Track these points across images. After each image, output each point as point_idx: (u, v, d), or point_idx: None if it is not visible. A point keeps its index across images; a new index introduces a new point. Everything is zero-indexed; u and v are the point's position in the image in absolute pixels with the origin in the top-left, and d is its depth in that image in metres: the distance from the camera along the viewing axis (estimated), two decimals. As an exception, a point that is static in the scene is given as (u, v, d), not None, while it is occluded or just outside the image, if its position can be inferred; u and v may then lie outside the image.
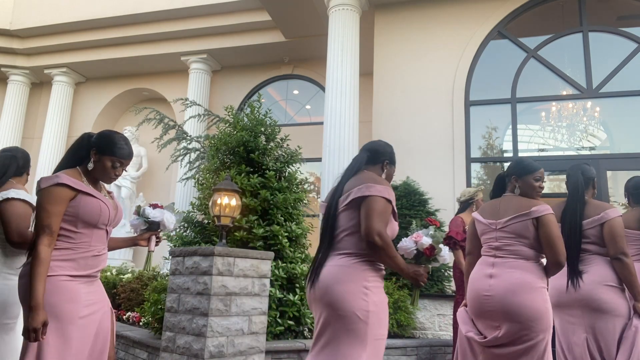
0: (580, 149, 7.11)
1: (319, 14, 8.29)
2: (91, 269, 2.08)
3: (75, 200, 2.04)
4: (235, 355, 3.66)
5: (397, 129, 7.35)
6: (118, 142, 2.15)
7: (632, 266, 2.76)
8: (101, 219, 2.10)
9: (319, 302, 2.14)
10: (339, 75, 7.19)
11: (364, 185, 2.16)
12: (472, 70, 7.39)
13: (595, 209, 2.91)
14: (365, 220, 2.09)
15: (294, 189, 5.11)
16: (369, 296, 2.07)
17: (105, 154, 2.13)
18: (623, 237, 2.81)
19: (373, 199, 2.12)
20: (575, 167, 3.09)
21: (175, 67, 10.95)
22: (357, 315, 2.03)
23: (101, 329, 2.11)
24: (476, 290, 2.62)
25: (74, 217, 2.04)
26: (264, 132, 5.22)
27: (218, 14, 9.67)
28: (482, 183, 7.30)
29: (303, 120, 10.48)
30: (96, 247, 2.11)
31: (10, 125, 11.35)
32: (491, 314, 2.54)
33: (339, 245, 2.19)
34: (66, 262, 2.01)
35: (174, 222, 2.39)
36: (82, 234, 2.06)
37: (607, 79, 6.92)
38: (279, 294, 4.41)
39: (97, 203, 2.09)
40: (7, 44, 11.07)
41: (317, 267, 2.20)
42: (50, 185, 2.00)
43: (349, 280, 2.08)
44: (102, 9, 10.21)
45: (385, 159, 2.40)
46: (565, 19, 7.46)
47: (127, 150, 2.18)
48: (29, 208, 2.48)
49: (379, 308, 2.09)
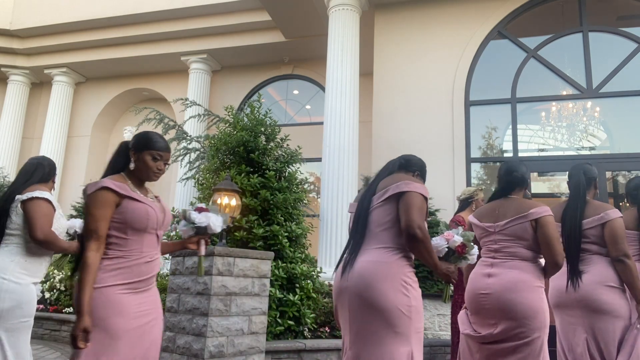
0: (580, 149, 7.11)
1: (319, 14, 8.29)
2: (144, 276, 2.06)
3: (122, 206, 2.03)
4: (235, 355, 3.65)
5: (397, 129, 7.35)
6: (153, 137, 2.16)
7: (634, 268, 2.74)
8: (150, 224, 2.07)
9: (354, 299, 2.14)
10: (339, 75, 7.18)
11: (402, 182, 2.23)
12: (472, 70, 7.39)
13: (595, 209, 2.90)
14: (406, 214, 2.14)
15: (294, 189, 5.12)
16: (409, 291, 2.12)
17: (143, 150, 2.12)
18: (624, 238, 2.80)
19: (412, 194, 2.18)
20: (577, 167, 3.09)
21: (175, 67, 10.94)
22: (400, 310, 2.07)
23: (152, 339, 2.08)
24: (474, 289, 2.68)
25: (123, 223, 2.02)
26: (264, 132, 5.23)
27: (218, 14, 9.67)
28: (482, 183, 7.30)
29: (303, 120, 10.48)
30: (148, 253, 2.09)
31: (10, 125, 11.35)
32: (488, 312, 2.58)
33: (375, 240, 2.23)
34: (119, 271, 1.99)
35: (220, 223, 2.37)
36: (132, 241, 2.04)
37: (607, 79, 6.91)
38: (279, 294, 4.41)
39: (144, 207, 2.08)
40: (7, 44, 11.07)
41: (350, 260, 2.23)
42: (95, 190, 2.00)
43: (388, 277, 2.12)
44: (102, 9, 10.20)
45: (416, 169, 2.50)
46: (565, 19, 7.46)
47: (163, 143, 2.17)
48: (52, 209, 2.61)
49: (419, 302, 2.15)
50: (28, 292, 2.50)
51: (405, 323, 2.08)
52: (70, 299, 6.50)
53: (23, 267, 2.52)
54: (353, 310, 2.14)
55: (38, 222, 2.50)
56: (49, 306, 6.48)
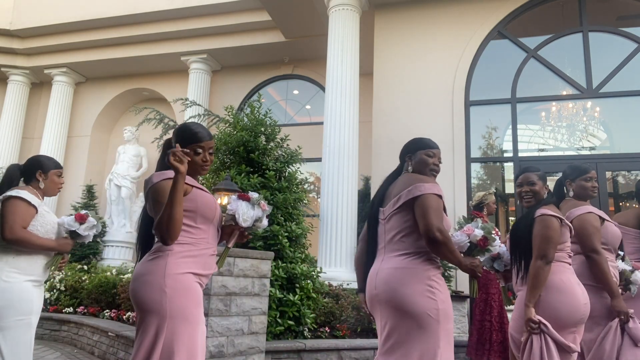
0: (580, 149, 7.11)
1: (319, 14, 8.29)
2: (209, 270, 2.00)
3: (192, 193, 1.98)
4: (235, 355, 3.65)
5: (397, 129, 7.35)
6: (194, 128, 2.06)
7: (603, 263, 2.64)
8: (216, 215, 2.06)
9: (384, 306, 2.18)
10: (339, 75, 7.19)
11: (413, 186, 2.21)
12: (472, 70, 7.39)
13: (567, 209, 2.83)
14: (423, 218, 2.13)
15: (294, 189, 5.12)
16: (436, 294, 2.12)
17: (189, 144, 2.03)
18: (593, 235, 2.69)
19: (425, 197, 2.16)
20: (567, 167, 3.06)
21: (175, 67, 10.95)
22: (428, 314, 2.08)
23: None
24: None
25: (193, 211, 1.97)
26: (264, 132, 5.23)
27: (218, 14, 9.67)
28: (482, 183, 7.30)
29: (303, 120, 10.48)
30: (212, 245, 2.05)
31: (10, 125, 11.35)
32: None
33: (396, 247, 2.23)
34: (190, 259, 1.93)
35: (251, 217, 2.09)
36: (201, 230, 1.99)
37: (607, 79, 6.91)
38: (279, 294, 4.40)
39: (212, 198, 2.05)
40: (7, 44, 11.07)
41: (378, 269, 2.24)
42: (162, 180, 1.93)
43: (414, 282, 2.13)
44: (102, 9, 10.21)
45: (406, 154, 2.46)
46: (565, 19, 7.46)
47: (206, 132, 2.08)
48: (29, 207, 2.53)
49: (447, 305, 2.15)
50: (20, 290, 2.47)
51: (434, 326, 2.09)
52: (70, 299, 6.51)
53: (13, 265, 2.48)
54: (384, 317, 2.19)
55: (7, 222, 2.44)
56: (49, 306, 6.48)
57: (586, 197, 2.91)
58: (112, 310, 5.76)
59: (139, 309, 1.87)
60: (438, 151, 2.47)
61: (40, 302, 2.61)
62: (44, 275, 2.62)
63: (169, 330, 1.81)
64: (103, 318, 5.73)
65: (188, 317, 1.85)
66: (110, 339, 4.88)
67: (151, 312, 1.83)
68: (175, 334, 1.81)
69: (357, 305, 5.15)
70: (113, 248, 9.86)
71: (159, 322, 1.82)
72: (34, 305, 2.53)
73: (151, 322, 1.82)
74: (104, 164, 11.91)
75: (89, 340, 5.36)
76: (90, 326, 5.38)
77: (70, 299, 6.51)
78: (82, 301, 6.40)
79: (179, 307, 1.83)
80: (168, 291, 1.83)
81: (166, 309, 1.82)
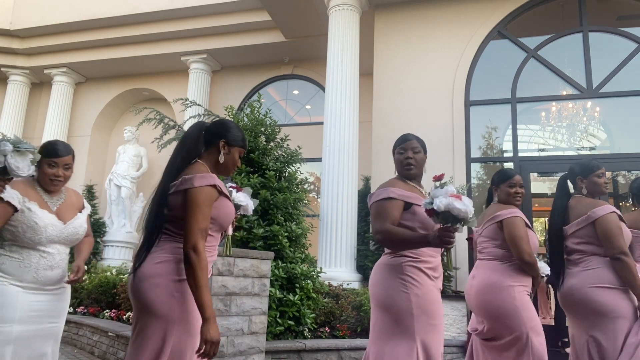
0: (580, 149, 7.10)
1: (319, 14, 8.29)
2: (209, 273, 1.93)
3: (219, 201, 1.88)
4: (235, 355, 3.65)
5: (397, 129, 7.33)
6: (242, 133, 2.02)
7: (632, 265, 2.61)
8: (231, 223, 2.03)
9: (371, 301, 2.39)
10: (339, 75, 7.19)
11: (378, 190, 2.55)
12: (472, 70, 7.38)
13: (585, 208, 2.80)
14: (378, 220, 2.36)
15: (294, 189, 5.12)
16: (409, 288, 2.22)
17: (235, 146, 1.97)
18: (619, 235, 2.65)
19: (376, 203, 2.48)
20: (571, 165, 3.05)
21: (175, 67, 10.94)
22: (402, 309, 2.20)
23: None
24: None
25: (214, 220, 1.87)
26: (264, 132, 5.23)
27: (218, 14, 9.66)
28: (483, 183, 7.30)
29: (303, 120, 10.48)
30: (216, 251, 1.99)
31: (10, 125, 11.34)
32: (475, 312, 2.92)
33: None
34: None
35: (252, 206, 2.35)
36: (213, 238, 1.92)
37: (607, 79, 6.91)
38: (279, 294, 4.40)
39: (232, 206, 1.96)
40: (7, 44, 11.06)
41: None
42: (205, 185, 1.82)
43: (389, 277, 2.29)
44: (102, 9, 10.20)
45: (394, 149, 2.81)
46: (565, 19, 7.46)
47: (246, 139, 2.06)
48: (6, 207, 2.31)
49: (424, 299, 2.22)
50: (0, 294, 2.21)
51: (408, 320, 2.16)
52: (70, 299, 6.49)
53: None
54: (372, 311, 2.39)
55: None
56: (49, 306, 6.47)
57: (598, 194, 2.93)
58: (112, 310, 5.76)
59: (143, 311, 1.79)
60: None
61: (31, 309, 2.32)
62: (37, 279, 2.36)
63: (176, 337, 1.76)
64: (103, 318, 5.72)
65: (195, 324, 1.81)
66: (110, 339, 4.88)
67: (158, 316, 1.76)
68: (183, 341, 1.77)
69: (357, 305, 5.15)
70: (113, 248, 9.86)
71: (166, 327, 1.76)
72: (15, 312, 2.22)
73: (157, 326, 1.76)
74: (104, 164, 11.91)
75: (89, 340, 5.36)
76: (90, 326, 5.38)
77: (70, 299, 6.50)
78: (82, 301, 6.39)
79: (188, 312, 1.80)
80: (177, 296, 1.79)
81: (175, 314, 1.77)
